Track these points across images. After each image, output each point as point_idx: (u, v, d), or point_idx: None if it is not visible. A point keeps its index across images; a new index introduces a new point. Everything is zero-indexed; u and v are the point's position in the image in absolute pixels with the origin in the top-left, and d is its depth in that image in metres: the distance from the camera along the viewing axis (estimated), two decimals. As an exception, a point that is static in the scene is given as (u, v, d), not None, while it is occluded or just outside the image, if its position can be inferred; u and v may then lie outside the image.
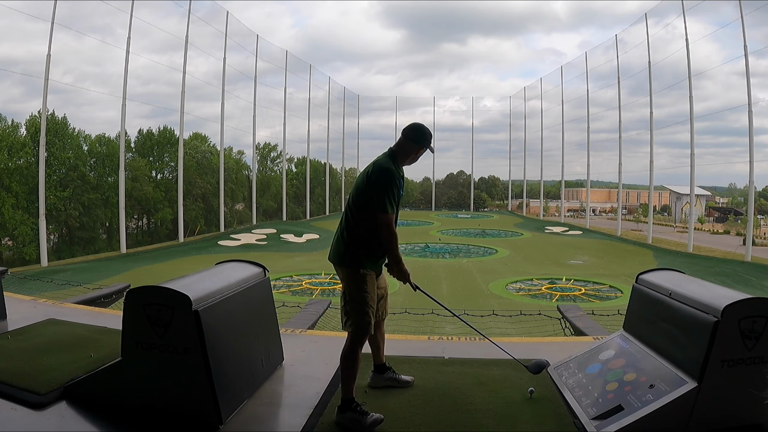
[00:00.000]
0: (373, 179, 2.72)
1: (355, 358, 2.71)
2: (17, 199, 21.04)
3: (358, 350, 2.73)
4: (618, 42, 29.09)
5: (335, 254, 2.82)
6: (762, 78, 34.40)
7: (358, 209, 2.75)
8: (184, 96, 24.40)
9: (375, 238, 2.73)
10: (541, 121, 39.45)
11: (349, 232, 2.77)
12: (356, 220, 2.75)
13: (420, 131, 2.89)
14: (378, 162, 2.79)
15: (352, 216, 2.77)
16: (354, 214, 2.76)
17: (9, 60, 26.93)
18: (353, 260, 2.74)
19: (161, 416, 2.55)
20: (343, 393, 2.69)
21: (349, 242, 2.76)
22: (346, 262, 2.76)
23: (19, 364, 3.12)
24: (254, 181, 32.11)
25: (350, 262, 2.75)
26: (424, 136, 2.89)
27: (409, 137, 2.88)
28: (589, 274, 16.68)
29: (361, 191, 2.76)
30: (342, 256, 2.78)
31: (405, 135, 2.90)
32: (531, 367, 3.06)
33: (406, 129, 2.93)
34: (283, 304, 7.26)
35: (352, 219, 2.77)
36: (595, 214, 43.99)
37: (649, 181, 25.77)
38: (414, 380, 3.12)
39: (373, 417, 2.62)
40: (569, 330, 6.25)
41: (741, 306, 2.38)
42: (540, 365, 3.08)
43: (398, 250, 2.78)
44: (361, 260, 2.73)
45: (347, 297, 2.76)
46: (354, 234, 2.75)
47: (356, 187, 2.82)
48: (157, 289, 2.55)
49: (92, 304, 6.50)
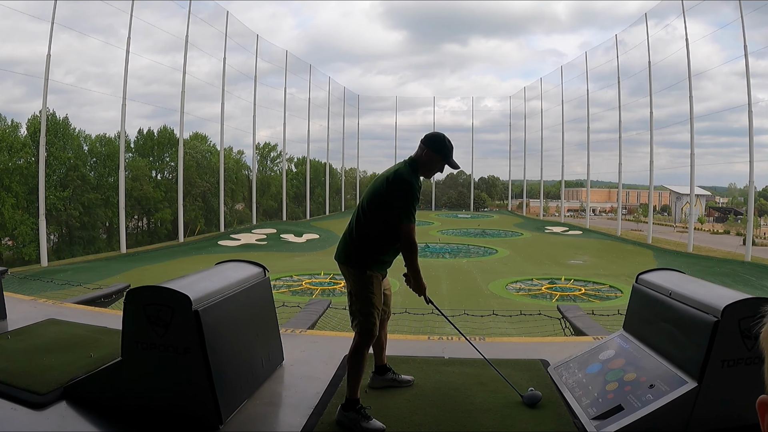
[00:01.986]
0: (394, 188, 2.65)
1: (361, 358, 2.69)
2: (17, 199, 21.02)
3: (365, 351, 2.71)
4: (618, 42, 29.12)
5: (342, 254, 2.80)
6: (762, 78, 34.44)
7: (372, 212, 2.71)
8: (184, 96, 24.43)
9: (384, 241, 2.71)
10: (541, 121, 39.47)
11: (358, 233, 2.74)
12: (368, 222, 2.72)
13: (438, 140, 2.73)
14: (400, 171, 2.68)
15: (365, 217, 2.73)
16: (367, 216, 2.73)
17: (11, 60, 26.96)
18: (360, 261, 2.72)
19: (161, 416, 2.55)
20: (348, 393, 2.67)
21: (358, 243, 2.73)
22: (353, 262, 2.74)
23: (19, 364, 3.12)
24: (254, 181, 32.11)
25: (357, 263, 2.73)
26: (443, 146, 2.72)
27: (435, 148, 2.71)
28: (589, 274, 16.67)
29: (378, 195, 2.71)
30: (350, 256, 2.75)
31: (428, 145, 2.71)
32: (525, 399, 2.84)
33: (429, 139, 2.74)
34: (283, 304, 7.27)
35: (364, 220, 2.73)
36: (595, 214, 43.97)
37: (649, 181, 25.77)
38: (414, 380, 3.13)
39: (375, 424, 2.59)
40: (569, 330, 6.26)
41: (741, 306, 2.38)
42: (534, 398, 2.83)
43: (417, 262, 2.73)
44: (369, 262, 2.71)
45: (353, 297, 2.74)
46: (364, 236, 2.73)
47: (373, 191, 2.75)
48: (157, 289, 2.56)
49: (92, 304, 6.51)
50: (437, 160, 2.74)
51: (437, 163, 2.75)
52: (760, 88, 35.94)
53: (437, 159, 2.74)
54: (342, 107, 42.82)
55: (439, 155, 2.73)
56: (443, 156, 2.73)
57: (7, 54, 24.13)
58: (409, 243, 2.67)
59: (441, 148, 2.73)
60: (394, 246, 2.74)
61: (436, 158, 2.73)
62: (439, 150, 2.72)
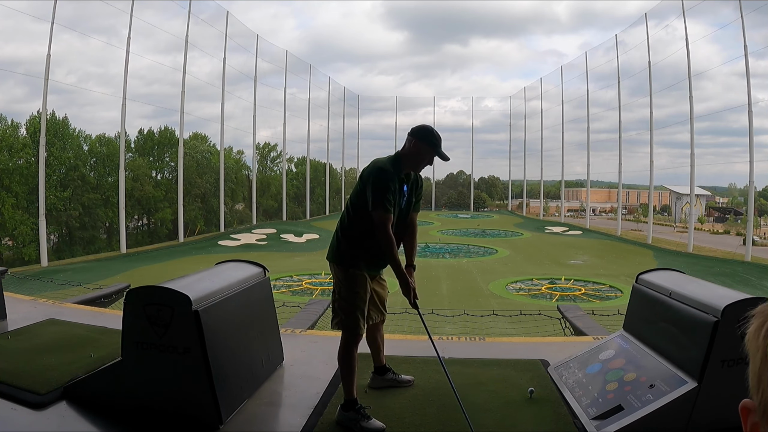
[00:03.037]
0: (364, 177, 2.70)
1: (349, 357, 2.70)
2: (17, 199, 21.03)
3: (353, 350, 2.71)
4: (618, 43, 29.12)
5: (330, 251, 2.84)
6: (761, 78, 34.34)
7: (353, 209, 2.76)
8: (184, 96, 24.44)
9: (369, 239, 2.70)
10: (541, 121, 39.47)
11: (343, 231, 2.79)
12: (351, 219, 2.77)
13: (427, 129, 2.75)
14: (375, 161, 2.75)
15: (348, 216, 2.78)
16: (350, 213, 2.77)
17: (14, 60, 26.96)
18: (344, 259, 2.75)
19: (161, 416, 2.55)
20: (345, 393, 2.68)
21: (343, 241, 2.77)
22: (338, 260, 2.77)
23: (19, 364, 3.12)
24: (254, 181, 32.11)
25: (341, 260, 2.76)
26: (432, 135, 2.72)
27: (422, 137, 2.71)
28: (589, 274, 16.67)
29: (356, 191, 2.77)
30: (334, 253, 2.80)
31: (416, 135, 2.72)
32: None
33: (416, 130, 2.75)
34: (283, 304, 7.27)
35: (347, 219, 2.78)
36: (595, 214, 43.96)
37: (649, 181, 25.79)
38: (414, 380, 3.12)
39: (375, 423, 2.59)
40: (569, 330, 6.26)
41: (741, 306, 2.38)
42: None
43: (396, 257, 2.67)
44: (352, 260, 2.73)
45: (336, 294, 2.78)
46: (347, 234, 2.77)
47: (355, 187, 2.82)
48: (157, 289, 2.56)
49: (92, 304, 6.51)
50: (426, 151, 2.72)
51: (426, 155, 2.73)
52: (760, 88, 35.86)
53: (426, 149, 2.72)
54: (342, 107, 42.84)
55: (427, 144, 2.71)
56: (431, 145, 2.70)
57: (9, 54, 24.17)
58: (382, 233, 2.62)
59: (429, 137, 2.71)
60: (379, 245, 2.70)
61: (425, 148, 2.71)
62: (426, 139, 2.71)
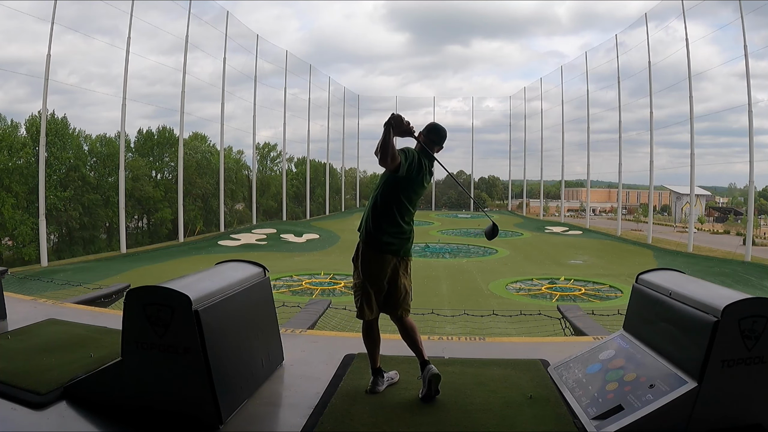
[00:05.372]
0: None
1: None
2: (17, 199, 20.99)
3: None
4: (618, 43, 29.16)
5: (359, 231, 3.01)
6: (761, 79, 34.36)
7: (378, 188, 2.93)
8: (184, 96, 24.47)
9: (388, 221, 2.86)
10: (542, 122, 39.51)
11: (368, 210, 2.95)
12: (374, 200, 2.93)
13: (430, 124, 3.07)
14: None
15: (373, 197, 2.96)
16: (376, 194, 2.94)
17: (17, 61, 27.02)
18: (366, 236, 2.92)
19: (161, 416, 2.55)
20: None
21: (367, 218, 2.93)
22: (362, 235, 2.96)
23: (19, 364, 3.12)
24: (254, 181, 32.11)
25: (364, 236, 2.94)
26: (429, 130, 3.02)
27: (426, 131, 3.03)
28: (589, 274, 16.68)
29: (382, 174, 2.96)
30: (361, 230, 2.97)
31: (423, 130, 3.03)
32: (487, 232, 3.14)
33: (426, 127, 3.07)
34: (283, 304, 7.28)
35: (372, 200, 2.95)
36: (595, 214, 43.98)
37: (649, 181, 25.81)
38: (398, 374, 3.12)
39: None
40: (569, 330, 6.26)
41: (741, 306, 2.38)
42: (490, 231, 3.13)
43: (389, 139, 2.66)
44: (373, 238, 2.88)
45: (354, 271, 3.00)
46: (371, 212, 2.92)
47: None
48: (157, 289, 2.55)
49: (92, 304, 6.52)
50: (428, 142, 3.02)
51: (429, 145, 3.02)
52: (760, 88, 35.90)
53: (425, 140, 3.02)
54: (342, 107, 42.88)
55: (424, 135, 3.01)
56: (426, 136, 3.01)
57: (11, 54, 24.22)
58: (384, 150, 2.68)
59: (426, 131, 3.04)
60: (401, 226, 2.88)
61: (427, 141, 3.02)
62: (424, 132, 3.02)
